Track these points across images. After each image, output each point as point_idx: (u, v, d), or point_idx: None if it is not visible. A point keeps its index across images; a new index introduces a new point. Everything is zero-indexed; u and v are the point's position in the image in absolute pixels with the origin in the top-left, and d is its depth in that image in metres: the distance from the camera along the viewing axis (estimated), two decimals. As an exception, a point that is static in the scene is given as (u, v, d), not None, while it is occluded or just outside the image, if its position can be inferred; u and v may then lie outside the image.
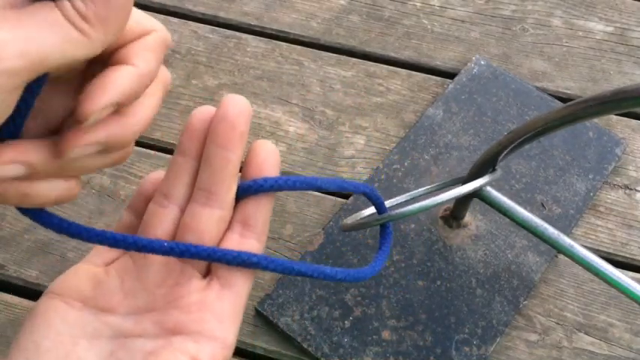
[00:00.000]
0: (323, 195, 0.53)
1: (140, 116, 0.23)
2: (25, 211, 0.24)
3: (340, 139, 0.56)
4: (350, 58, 0.60)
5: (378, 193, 0.35)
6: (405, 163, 0.53)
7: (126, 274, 0.27)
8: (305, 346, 0.45)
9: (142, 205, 0.28)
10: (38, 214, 0.24)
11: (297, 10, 0.63)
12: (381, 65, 0.60)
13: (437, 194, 0.40)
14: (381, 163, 0.54)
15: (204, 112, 0.27)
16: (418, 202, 0.40)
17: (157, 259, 0.27)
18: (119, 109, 0.22)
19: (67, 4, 0.20)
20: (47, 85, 0.22)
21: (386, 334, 0.46)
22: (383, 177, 0.53)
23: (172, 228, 0.27)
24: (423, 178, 0.53)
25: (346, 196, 0.52)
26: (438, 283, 0.48)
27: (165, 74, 0.25)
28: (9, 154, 0.21)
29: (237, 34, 0.62)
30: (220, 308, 0.26)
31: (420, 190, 0.50)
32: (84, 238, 0.25)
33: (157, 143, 0.55)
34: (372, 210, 0.45)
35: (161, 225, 0.27)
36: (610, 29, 0.62)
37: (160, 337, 0.25)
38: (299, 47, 0.61)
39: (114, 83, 0.21)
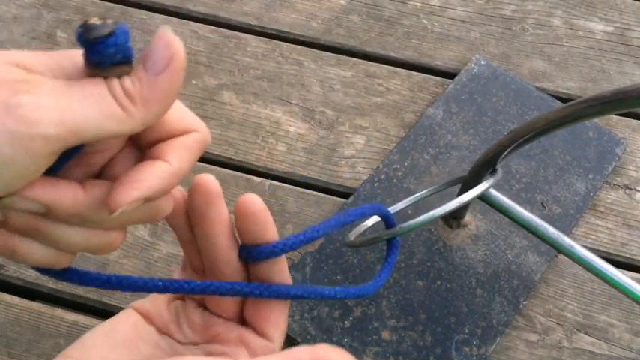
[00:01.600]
0: (323, 195, 0.53)
1: (164, 207, 0.24)
2: (46, 271, 0.25)
3: (340, 139, 0.56)
4: (350, 58, 0.60)
5: (386, 210, 0.35)
6: (405, 163, 0.53)
7: (180, 315, 0.30)
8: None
9: (183, 228, 0.29)
10: (61, 273, 0.25)
11: (297, 10, 0.63)
12: (381, 65, 0.60)
13: (442, 203, 0.40)
14: (381, 163, 0.54)
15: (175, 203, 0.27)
16: (421, 213, 0.40)
17: (198, 313, 0.30)
18: (147, 201, 0.23)
19: (116, 82, 0.21)
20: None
21: (386, 334, 0.46)
22: (383, 177, 0.53)
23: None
24: (423, 177, 0.53)
25: (346, 196, 0.52)
26: (438, 283, 0.48)
27: (167, 204, 0.25)
28: (32, 190, 0.21)
29: (237, 34, 0.62)
30: (254, 346, 0.28)
31: (421, 193, 0.50)
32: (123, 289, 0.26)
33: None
34: (374, 219, 0.45)
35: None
36: (610, 29, 0.62)
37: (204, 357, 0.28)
38: (299, 47, 0.61)
39: (145, 181, 0.22)
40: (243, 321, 0.30)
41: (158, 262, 0.49)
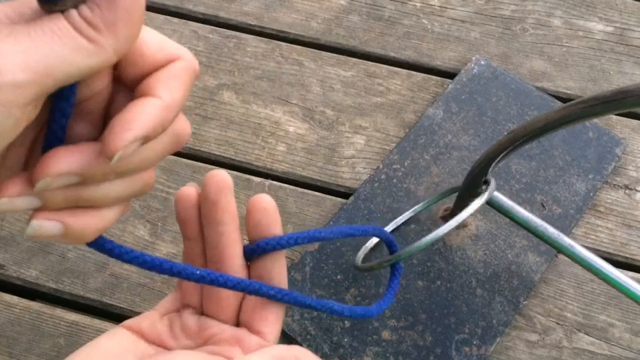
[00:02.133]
0: (323, 195, 0.53)
1: (182, 128, 0.24)
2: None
3: (340, 139, 0.56)
4: (350, 58, 0.60)
5: (388, 234, 0.37)
6: (405, 163, 0.53)
7: (173, 323, 0.30)
8: (305, 346, 0.45)
9: (193, 222, 0.29)
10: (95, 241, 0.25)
11: (297, 10, 0.63)
12: (381, 65, 0.60)
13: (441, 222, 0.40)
14: (381, 163, 0.54)
15: (184, 197, 0.28)
16: (423, 235, 0.40)
17: (193, 319, 0.30)
18: (146, 142, 0.22)
19: (74, 13, 0.19)
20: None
21: (386, 334, 0.46)
22: (383, 177, 0.53)
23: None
24: (423, 177, 0.53)
25: (346, 196, 0.52)
26: (438, 283, 0.48)
27: (183, 128, 0.24)
28: (55, 164, 0.21)
29: (237, 34, 0.62)
30: (249, 345, 0.28)
31: (418, 206, 0.50)
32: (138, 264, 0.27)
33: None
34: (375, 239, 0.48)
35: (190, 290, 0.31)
36: (610, 29, 0.62)
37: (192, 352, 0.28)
38: (299, 47, 0.61)
39: (138, 119, 0.21)
40: (237, 323, 0.30)
41: (158, 262, 0.49)
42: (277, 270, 0.29)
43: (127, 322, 0.30)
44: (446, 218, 0.50)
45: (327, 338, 0.45)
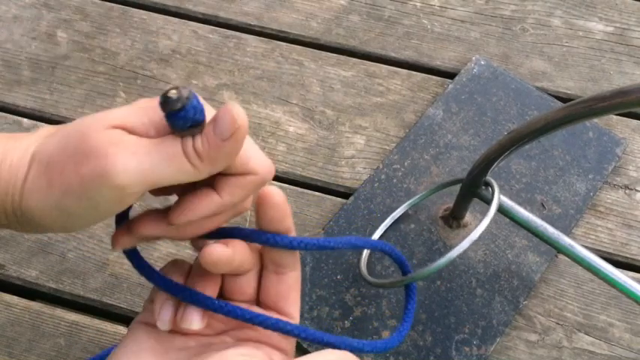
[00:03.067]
0: (323, 195, 0.53)
1: (196, 230, 0.29)
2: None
3: (340, 139, 0.56)
4: (350, 58, 0.60)
5: (398, 252, 0.38)
6: (405, 163, 0.53)
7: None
8: (305, 346, 0.45)
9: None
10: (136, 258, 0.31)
11: (297, 10, 0.63)
12: (381, 65, 0.60)
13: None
14: (381, 163, 0.54)
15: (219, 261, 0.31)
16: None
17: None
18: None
19: (189, 143, 0.26)
20: None
21: (386, 334, 0.46)
22: (383, 177, 0.53)
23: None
24: (423, 177, 0.53)
25: (346, 196, 0.52)
26: (438, 283, 0.48)
27: (245, 205, 0.30)
28: (139, 228, 0.29)
29: (237, 34, 0.62)
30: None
31: (419, 195, 0.50)
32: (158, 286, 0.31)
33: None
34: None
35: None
36: (610, 29, 0.62)
37: (238, 345, 0.31)
38: (299, 47, 0.61)
39: (195, 210, 0.28)
40: (259, 304, 0.33)
41: (158, 262, 0.49)
42: (289, 260, 0.32)
43: (141, 317, 0.32)
44: (446, 218, 0.50)
45: (327, 338, 0.45)
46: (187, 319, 0.29)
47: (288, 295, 0.32)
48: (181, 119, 0.25)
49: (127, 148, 0.25)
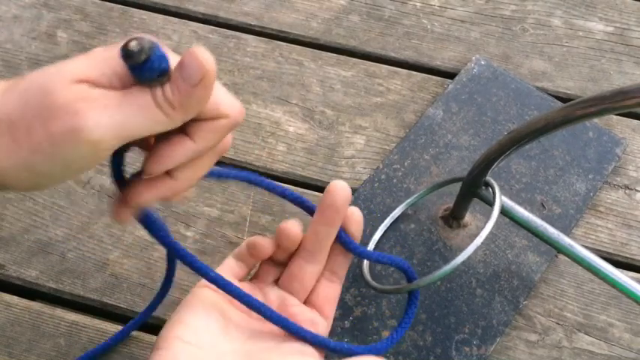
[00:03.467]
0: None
1: (186, 180, 0.29)
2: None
3: (340, 139, 0.56)
4: (350, 58, 0.60)
5: (407, 265, 0.41)
6: (405, 163, 0.53)
7: (255, 293, 0.38)
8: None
9: (246, 257, 0.38)
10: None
11: (297, 10, 0.63)
12: (381, 65, 0.60)
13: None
14: (381, 163, 0.54)
15: (288, 233, 0.37)
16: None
17: (275, 292, 0.38)
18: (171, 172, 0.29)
19: (159, 92, 0.25)
20: None
21: (386, 334, 0.46)
22: (383, 177, 0.53)
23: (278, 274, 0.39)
24: (423, 177, 0.53)
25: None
26: (438, 283, 0.48)
27: (224, 145, 0.31)
28: (135, 197, 0.29)
29: (237, 34, 0.62)
30: (322, 326, 0.37)
31: (419, 193, 0.50)
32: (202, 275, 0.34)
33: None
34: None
35: (269, 271, 0.39)
36: (610, 29, 0.62)
37: (283, 339, 0.35)
38: (299, 47, 0.61)
39: (170, 157, 0.28)
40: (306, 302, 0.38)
41: (158, 262, 0.49)
42: (346, 268, 0.39)
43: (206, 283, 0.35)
44: (446, 218, 0.50)
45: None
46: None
47: (334, 301, 0.38)
48: (147, 71, 0.24)
49: (97, 102, 0.24)
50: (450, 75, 0.59)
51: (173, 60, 0.26)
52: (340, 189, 0.35)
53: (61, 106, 0.24)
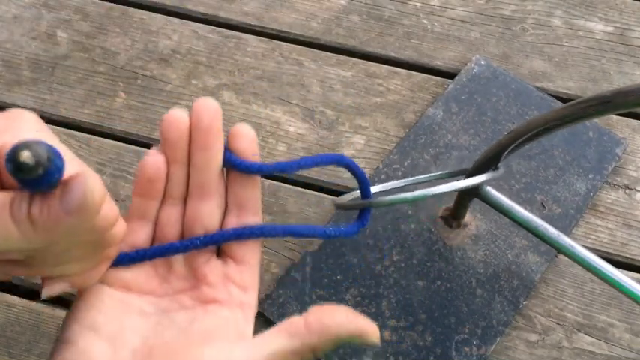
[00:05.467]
0: (323, 195, 0.53)
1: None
2: None
3: (340, 139, 0.56)
4: (350, 58, 0.60)
5: (359, 169, 0.36)
6: (405, 163, 0.53)
7: (158, 265, 0.31)
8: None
9: (146, 187, 0.30)
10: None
11: (297, 10, 0.63)
12: (381, 65, 0.60)
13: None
14: (381, 163, 0.54)
15: (177, 119, 0.29)
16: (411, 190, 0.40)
17: (179, 262, 0.31)
18: None
19: (24, 207, 0.21)
20: None
21: (386, 334, 0.46)
22: (383, 177, 0.53)
23: (181, 222, 0.31)
24: (423, 178, 0.53)
25: (346, 196, 0.52)
26: (438, 283, 0.48)
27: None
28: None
29: (237, 34, 0.62)
30: (240, 280, 0.30)
31: (419, 177, 0.49)
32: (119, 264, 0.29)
33: (157, 143, 0.55)
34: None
35: (172, 222, 0.31)
36: (610, 29, 0.62)
37: (197, 307, 0.29)
38: (299, 47, 0.61)
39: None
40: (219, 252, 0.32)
41: (158, 262, 0.49)
42: (253, 196, 0.31)
43: (110, 278, 0.30)
44: (446, 218, 0.50)
45: (327, 338, 0.45)
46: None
47: (253, 242, 0.31)
48: (39, 185, 0.20)
49: None
50: (450, 75, 0.59)
51: (73, 166, 0.22)
52: (204, 105, 0.28)
53: None
